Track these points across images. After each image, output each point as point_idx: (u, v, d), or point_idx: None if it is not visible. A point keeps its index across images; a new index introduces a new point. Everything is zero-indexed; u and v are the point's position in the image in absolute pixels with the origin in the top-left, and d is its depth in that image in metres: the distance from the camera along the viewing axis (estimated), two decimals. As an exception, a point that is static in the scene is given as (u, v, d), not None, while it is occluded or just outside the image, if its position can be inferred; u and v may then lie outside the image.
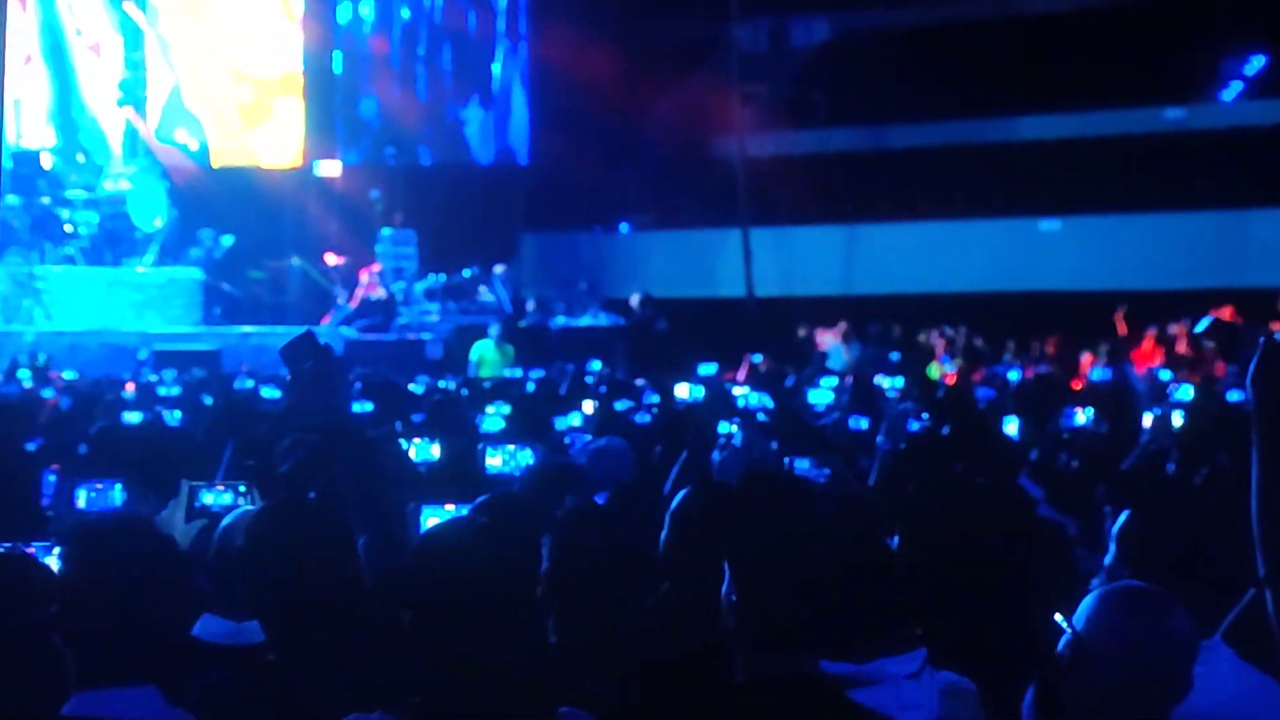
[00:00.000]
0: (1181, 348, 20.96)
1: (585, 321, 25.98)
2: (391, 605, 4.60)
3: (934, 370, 20.78)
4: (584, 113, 27.46)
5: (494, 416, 12.08)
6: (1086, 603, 4.08)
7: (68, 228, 25.98)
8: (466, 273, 26.67)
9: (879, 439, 10.25)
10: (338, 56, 29.06)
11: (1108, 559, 5.75)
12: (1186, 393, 14.41)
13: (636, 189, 28.09)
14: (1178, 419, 12.11)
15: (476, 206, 27.36)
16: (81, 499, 7.58)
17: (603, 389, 15.74)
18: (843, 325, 23.57)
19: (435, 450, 9.53)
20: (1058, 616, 4.04)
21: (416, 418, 12.89)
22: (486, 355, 22.06)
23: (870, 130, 28.09)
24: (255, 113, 28.58)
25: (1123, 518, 5.57)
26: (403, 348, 24.17)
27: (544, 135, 28.33)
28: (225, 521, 6.42)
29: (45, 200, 26.29)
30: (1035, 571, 5.71)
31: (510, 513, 6.58)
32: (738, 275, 28.17)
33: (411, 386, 17.16)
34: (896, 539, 5.43)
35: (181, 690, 4.77)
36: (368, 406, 14.05)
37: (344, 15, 28.81)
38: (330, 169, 28.66)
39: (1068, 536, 7.18)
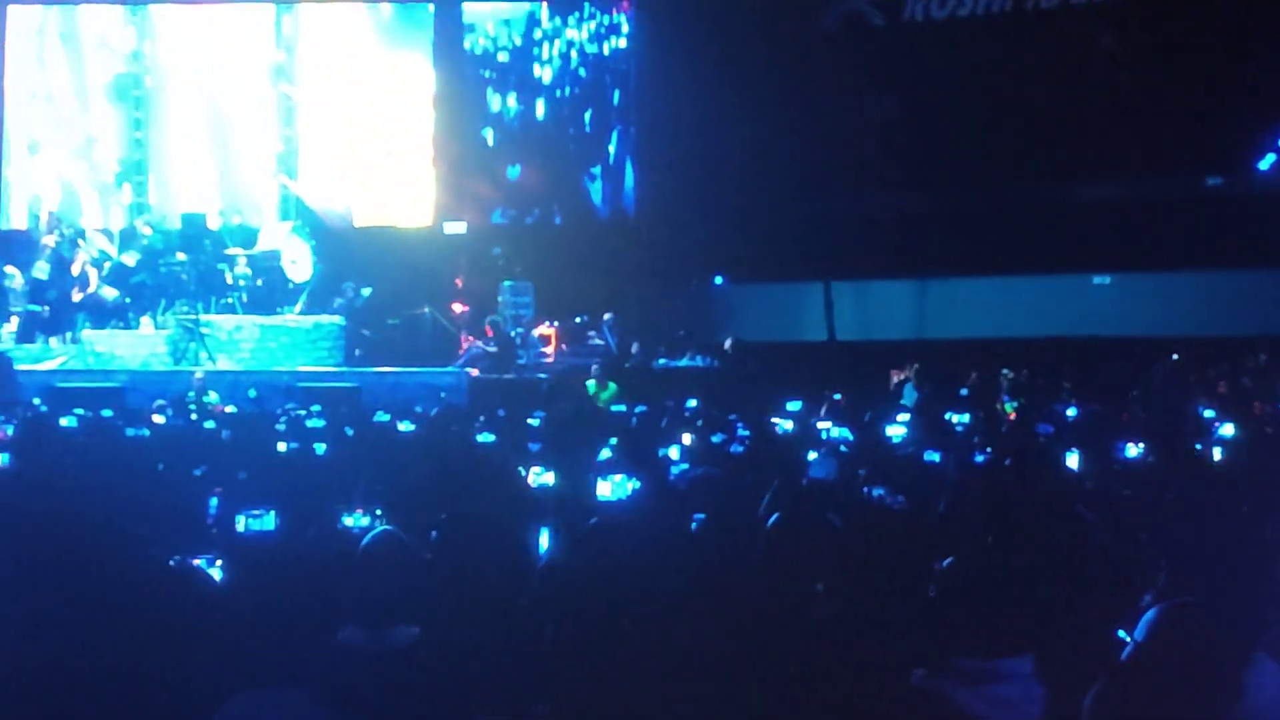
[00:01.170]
0: (1222, 389, 20.72)
1: (683, 363, 25.95)
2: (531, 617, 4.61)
3: (999, 408, 20.62)
4: (684, 181, 27.50)
5: (603, 447, 12.05)
6: (1146, 618, 4.03)
7: (228, 280, 26.26)
8: (578, 319, 26.74)
9: (949, 470, 10.17)
10: (489, 132, 29.32)
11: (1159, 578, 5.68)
12: (1227, 430, 14.25)
13: (730, 246, 28.05)
14: (1218, 453, 11.98)
15: (588, 261, 27.40)
16: (241, 523, 7.63)
17: (700, 423, 15.69)
18: (915, 366, 23.46)
19: (550, 478, 9.54)
20: (1121, 632, 3.99)
21: (533, 447, 12.91)
22: (592, 393, 22.06)
23: (940, 194, 27.95)
24: (393, 180, 28.81)
25: (1168, 540, 5.51)
26: (521, 386, 24.21)
27: (649, 200, 28.36)
28: (365, 541, 6.42)
29: (210, 257, 26.61)
30: (1090, 587, 5.64)
31: (618, 535, 6.56)
32: (820, 322, 28.15)
33: (530, 420, 17.19)
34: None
35: (328, 690, 4.78)
36: (490, 438, 14.10)
37: (495, 105, 29.12)
38: (456, 228, 28.82)
39: (1121, 556, 7.09)
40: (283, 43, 28.84)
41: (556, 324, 26.31)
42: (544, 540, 6.80)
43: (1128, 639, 4.01)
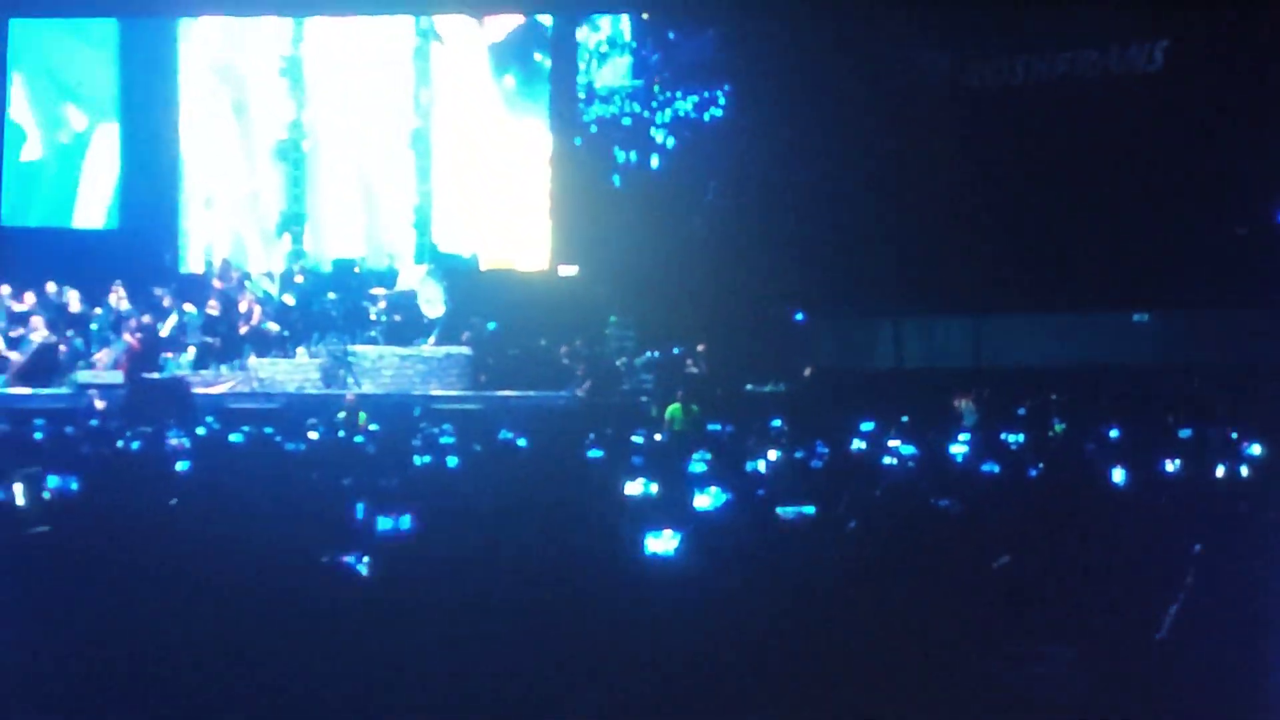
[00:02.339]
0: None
1: (768, 389, 25.80)
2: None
3: (1049, 428, 20.34)
4: (771, 227, 27.37)
5: (698, 462, 12.02)
6: (1171, 613, 3.97)
7: (372, 316, 26.51)
8: (675, 350, 26.63)
9: (1005, 482, 10.05)
10: (617, 178, 29.23)
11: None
12: (1254, 449, 14.02)
13: (810, 285, 27.85)
14: (1245, 469, 11.78)
15: (685, 298, 27.29)
16: (382, 524, 7.67)
17: (783, 441, 15.62)
18: (973, 392, 23.24)
19: (654, 488, 9.52)
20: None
21: (637, 461, 12.88)
22: (676, 414, 21.91)
23: (996, 241, 27.66)
24: (514, 230, 28.94)
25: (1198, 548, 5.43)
26: (626, 408, 24.16)
27: (740, 243, 28.12)
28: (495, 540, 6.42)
29: (356, 296, 26.91)
30: (1127, 584, 5.56)
31: (713, 538, 6.54)
32: (889, 353, 27.99)
33: (634, 438, 17.18)
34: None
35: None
36: (599, 454, 14.11)
37: (620, 158, 28.98)
38: (569, 271, 28.83)
39: (1156, 558, 6.97)
40: (420, 111, 29.09)
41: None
42: (649, 543, 6.77)
43: (1158, 635, 3.96)
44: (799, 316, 29.26)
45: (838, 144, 27.19)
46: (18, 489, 9.51)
